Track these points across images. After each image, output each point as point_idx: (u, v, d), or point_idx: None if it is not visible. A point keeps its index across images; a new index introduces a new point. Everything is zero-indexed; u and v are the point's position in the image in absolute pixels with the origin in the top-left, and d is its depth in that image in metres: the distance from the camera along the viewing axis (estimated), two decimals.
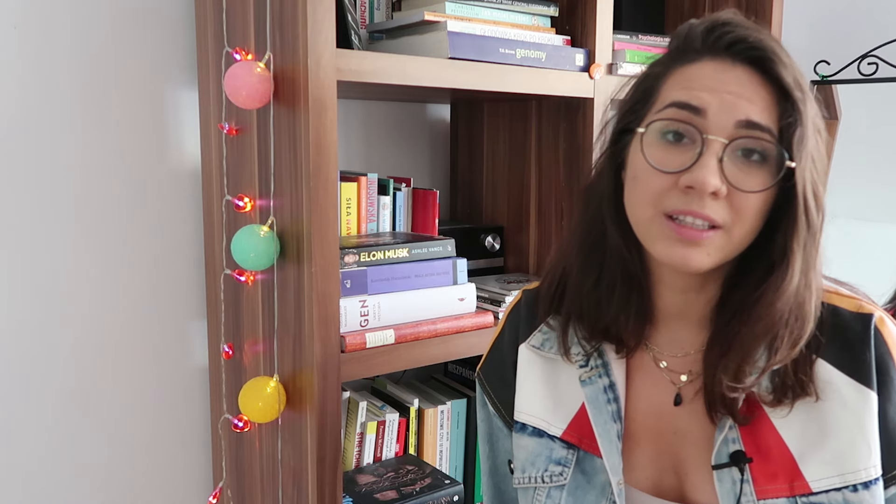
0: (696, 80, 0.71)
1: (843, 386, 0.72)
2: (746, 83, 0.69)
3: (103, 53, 1.26)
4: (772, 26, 1.63)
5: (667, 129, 0.71)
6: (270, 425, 1.16)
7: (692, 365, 0.79)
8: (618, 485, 0.78)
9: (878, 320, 0.73)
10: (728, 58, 0.71)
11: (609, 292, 0.79)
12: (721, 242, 0.70)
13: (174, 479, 1.40)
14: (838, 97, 1.64)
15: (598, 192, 0.79)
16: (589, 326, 0.81)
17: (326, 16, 1.00)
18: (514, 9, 1.27)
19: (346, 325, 1.13)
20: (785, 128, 0.69)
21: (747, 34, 0.71)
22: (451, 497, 1.26)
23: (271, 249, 1.07)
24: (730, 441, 0.75)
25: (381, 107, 1.59)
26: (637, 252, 0.78)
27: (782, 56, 0.70)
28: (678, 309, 0.79)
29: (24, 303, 1.23)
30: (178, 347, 1.38)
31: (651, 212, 0.71)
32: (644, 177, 0.72)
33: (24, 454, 1.25)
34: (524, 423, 0.86)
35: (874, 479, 0.71)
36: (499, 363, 0.92)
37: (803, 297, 0.72)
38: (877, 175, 1.59)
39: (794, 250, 0.70)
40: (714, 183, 0.67)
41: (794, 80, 0.70)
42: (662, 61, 0.76)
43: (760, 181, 0.69)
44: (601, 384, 0.81)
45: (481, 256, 1.51)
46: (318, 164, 1.02)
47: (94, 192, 1.27)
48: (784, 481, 0.73)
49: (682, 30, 0.76)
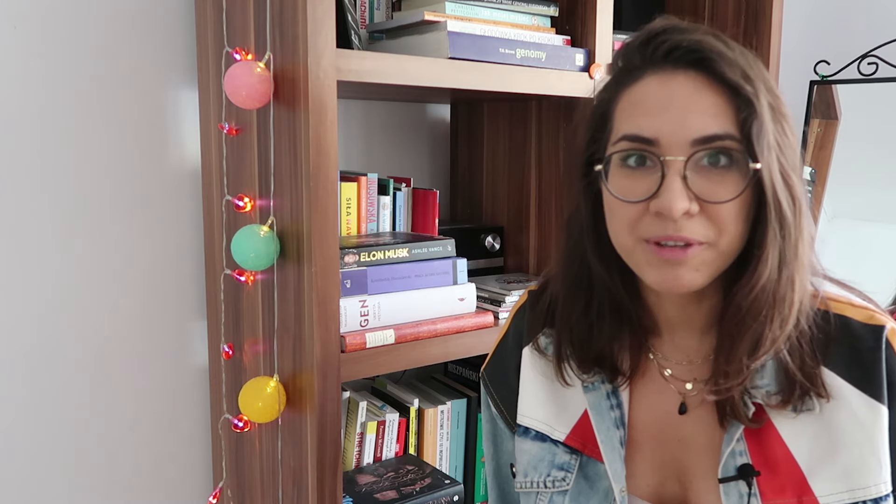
0: (641, 104, 0.69)
1: (853, 399, 0.70)
2: (692, 90, 0.67)
3: (103, 53, 1.26)
4: (772, 26, 1.63)
5: (626, 161, 0.70)
6: (270, 425, 1.16)
7: (697, 373, 0.78)
8: (620, 492, 0.77)
9: (890, 332, 0.71)
10: (669, 67, 0.69)
11: (600, 321, 0.78)
12: (708, 257, 0.68)
13: (174, 479, 1.40)
14: (838, 97, 1.64)
15: (578, 223, 0.78)
16: (579, 356, 0.80)
17: (326, 16, 1.00)
18: (514, 9, 1.27)
19: (346, 325, 1.13)
20: (742, 123, 0.66)
21: (682, 39, 0.68)
22: (451, 497, 1.26)
23: (271, 249, 1.07)
24: (737, 454, 0.73)
25: (381, 107, 1.59)
26: (627, 277, 0.76)
27: (724, 52, 0.68)
28: (680, 320, 0.78)
29: (24, 303, 1.23)
30: (178, 347, 1.38)
31: (631, 240, 0.70)
32: (616, 208, 0.71)
33: (24, 454, 1.25)
34: (527, 427, 0.86)
35: (885, 496, 0.70)
36: (502, 365, 0.92)
37: (783, 293, 0.69)
38: (877, 175, 1.59)
39: (767, 244, 0.68)
40: (681, 206, 0.65)
41: (742, 73, 0.67)
42: (609, 85, 0.74)
43: (732, 187, 0.67)
44: (604, 390, 0.81)
45: (481, 256, 1.51)
46: (318, 164, 1.02)
47: (94, 192, 1.27)
48: (792, 495, 0.71)
49: (620, 49, 0.74)
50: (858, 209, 1.60)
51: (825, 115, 1.65)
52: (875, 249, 1.55)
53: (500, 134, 1.55)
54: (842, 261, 1.60)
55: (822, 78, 1.66)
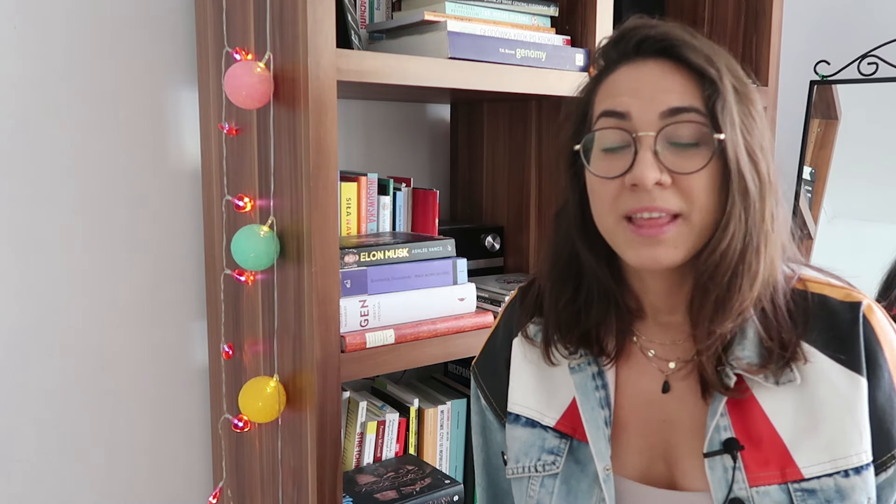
0: (615, 88, 0.76)
1: (832, 372, 0.73)
2: (660, 75, 0.73)
3: (103, 53, 1.26)
4: (772, 26, 1.63)
5: (604, 144, 0.75)
6: (270, 425, 1.16)
7: (680, 352, 0.81)
8: (604, 470, 0.80)
9: (867, 308, 0.75)
10: (639, 57, 0.75)
11: (587, 306, 0.82)
12: (684, 231, 0.73)
13: (174, 479, 1.40)
14: (838, 97, 1.64)
15: (567, 215, 0.83)
16: (565, 337, 0.84)
17: (326, 16, 1.00)
18: (514, 9, 1.27)
19: (346, 325, 1.13)
20: (707, 100, 0.72)
21: (651, 31, 0.75)
22: (451, 497, 1.26)
23: (271, 249, 1.07)
24: (721, 428, 0.76)
25: (381, 107, 1.59)
26: (613, 263, 0.81)
27: (689, 40, 0.74)
28: (663, 302, 0.81)
29: (24, 303, 1.23)
30: (178, 347, 1.38)
31: (612, 218, 0.75)
32: (597, 187, 0.76)
33: (23, 454, 1.25)
34: (518, 415, 0.88)
35: (865, 465, 0.72)
36: (493, 358, 0.94)
37: (749, 262, 0.73)
38: (877, 175, 1.59)
39: (730, 213, 0.72)
40: (653, 175, 0.71)
41: (706, 58, 0.73)
42: (590, 83, 0.81)
43: (699, 160, 0.71)
44: (590, 371, 0.84)
45: (481, 256, 1.51)
46: (318, 164, 1.02)
47: (94, 192, 1.27)
48: (776, 468, 0.74)
49: (598, 50, 0.81)
50: (858, 209, 1.60)
51: (825, 115, 1.65)
52: (875, 249, 1.55)
53: (500, 134, 1.55)
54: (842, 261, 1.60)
55: (822, 78, 1.66)
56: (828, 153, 1.65)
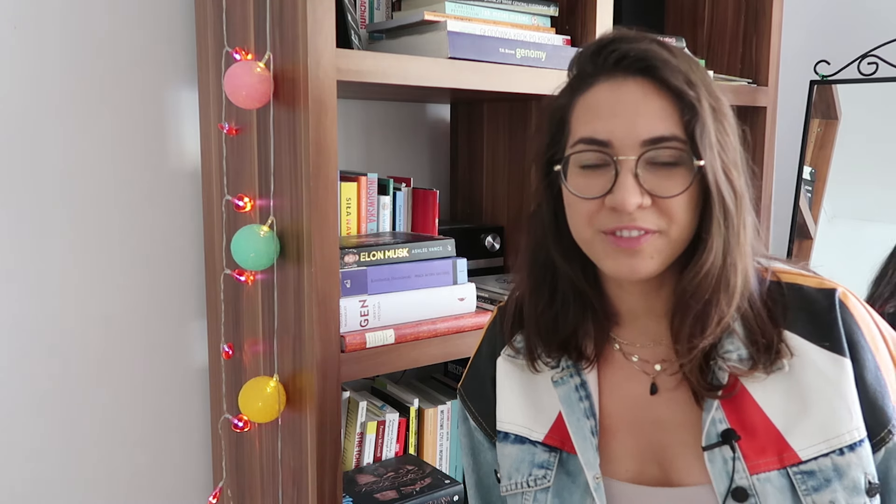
0: (595, 109, 0.76)
1: (817, 357, 0.76)
2: (641, 96, 0.74)
3: (103, 53, 1.26)
4: (772, 26, 1.63)
5: (583, 161, 0.76)
6: (270, 425, 1.16)
7: (663, 353, 0.82)
8: (594, 479, 0.80)
9: (842, 294, 0.78)
10: (619, 74, 0.75)
11: (564, 310, 0.83)
12: (660, 244, 0.75)
13: (174, 479, 1.40)
14: (838, 97, 1.64)
15: (540, 221, 0.84)
16: (546, 344, 0.85)
17: (326, 16, 1.00)
18: (514, 9, 1.27)
19: (346, 325, 1.13)
20: (686, 125, 0.73)
21: (630, 48, 0.75)
22: (451, 497, 1.26)
23: (271, 249, 1.07)
24: (717, 421, 0.77)
25: (380, 107, 1.59)
26: (588, 269, 0.82)
27: (668, 59, 0.74)
28: (641, 308, 0.83)
29: (23, 303, 1.23)
30: (178, 347, 1.38)
31: (589, 232, 0.77)
32: (575, 203, 0.77)
33: (23, 454, 1.25)
34: (507, 432, 0.89)
35: (859, 441, 0.74)
36: (478, 379, 0.95)
37: (727, 277, 0.75)
38: (877, 175, 1.59)
39: (712, 233, 0.74)
40: (633, 201, 0.72)
41: (685, 79, 0.73)
42: (565, 91, 0.81)
43: (679, 182, 0.73)
44: (573, 383, 0.84)
45: (481, 256, 1.51)
46: (318, 164, 1.02)
47: (94, 192, 1.27)
48: (773, 454, 0.75)
49: (574, 58, 0.81)
50: (858, 209, 1.60)
51: (825, 114, 1.65)
52: (875, 249, 1.55)
53: (500, 134, 1.54)
54: (842, 261, 1.60)
55: (822, 78, 1.66)
56: (828, 153, 1.65)
